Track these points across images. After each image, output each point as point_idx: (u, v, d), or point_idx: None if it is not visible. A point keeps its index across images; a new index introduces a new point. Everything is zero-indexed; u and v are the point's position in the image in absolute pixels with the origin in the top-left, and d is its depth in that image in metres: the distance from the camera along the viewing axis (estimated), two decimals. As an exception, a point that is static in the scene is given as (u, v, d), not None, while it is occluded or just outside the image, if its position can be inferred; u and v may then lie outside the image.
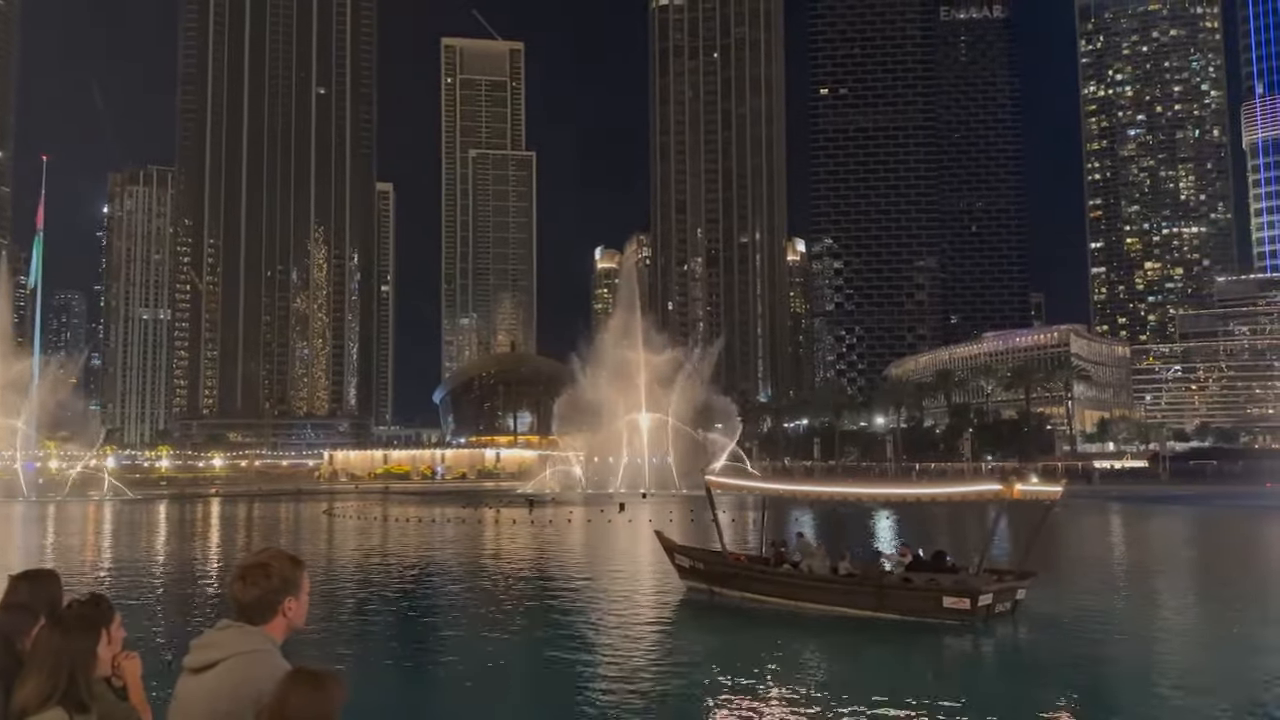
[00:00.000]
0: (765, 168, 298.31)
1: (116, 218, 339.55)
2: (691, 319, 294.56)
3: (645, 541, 33.48)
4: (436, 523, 61.33)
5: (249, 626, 3.68)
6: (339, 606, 26.90)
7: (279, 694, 3.20)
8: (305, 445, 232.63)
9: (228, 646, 3.60)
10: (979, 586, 21.43)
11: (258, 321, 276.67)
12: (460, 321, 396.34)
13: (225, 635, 3.66)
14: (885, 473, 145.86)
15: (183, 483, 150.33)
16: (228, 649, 3.59)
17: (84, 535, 58.53)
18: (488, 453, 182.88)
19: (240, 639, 3.63)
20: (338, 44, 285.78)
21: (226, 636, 3.65)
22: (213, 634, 3.69)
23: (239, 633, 3.66)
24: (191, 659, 3.65)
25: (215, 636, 3.67)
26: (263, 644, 3.62)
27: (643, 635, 21.42)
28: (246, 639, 3.63)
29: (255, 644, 3.60)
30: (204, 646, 3.65)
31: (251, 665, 3.49)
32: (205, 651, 3.63)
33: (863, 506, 62.01)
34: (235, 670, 3.51)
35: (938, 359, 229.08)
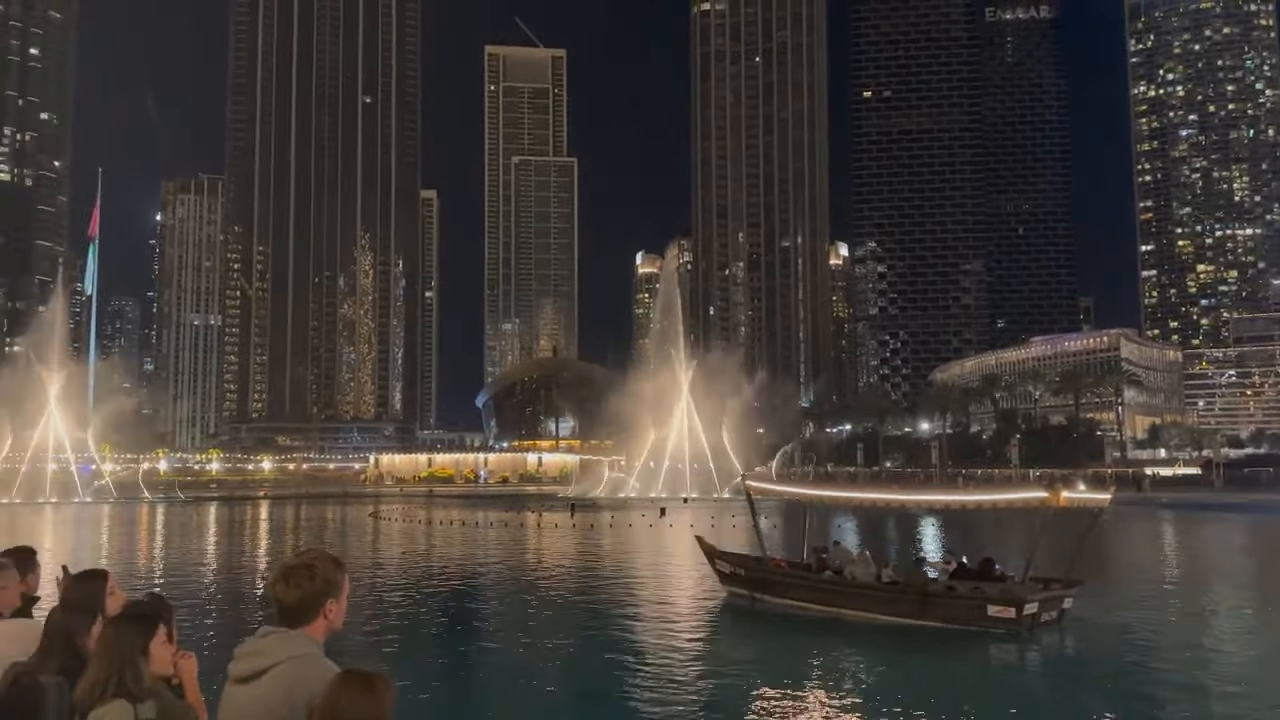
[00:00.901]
0: (807, 171, 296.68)
1: (169, 226, 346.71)
2: (733, 323, 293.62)
3: (686, 546, 33.50)
4: (480, 526, 61.81)
5: (291, 631, 3.66)
6: (385, 608, 27.25)
7: (330, 696, 3.21)
8: (351, 449, 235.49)
9: (275, 653, 3.58)
10: (1024, 595, 21.16)
11: (305, 327, 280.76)
12: (503, 326, 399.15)
13: (269, 642, 3.64)
14: (930, 479, 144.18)
15: (232, 485, 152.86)
16: (275, 655, 3.57)
17: (137, 537, 59.82)
18: (530, 457, 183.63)
19: (286, 644, 3.61)
20: (383, 53, 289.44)
21: (271, 643, 3.63)
22: (256, 642, 3.68)
23: (283, 638, 3.64)
24: (238, 668, 3.63)
25: (259, 644, 3.65)
26: (309, 647, 3.61)
27: (684, 640, 21.44)
28: (292, 644, 3.61)
29: (302, 648, 3.59)
30: (250, 655, 3.63)
31: (302, 669, 3.49)
32: (252, 660, 3.61)
33: (907, 513, 61.55)
34: (286, 675, 3.50)
35: (984, 364, 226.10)
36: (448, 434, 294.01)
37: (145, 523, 73.10)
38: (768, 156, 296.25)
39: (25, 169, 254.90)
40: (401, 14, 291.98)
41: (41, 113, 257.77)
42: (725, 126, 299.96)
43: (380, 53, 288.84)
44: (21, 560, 5.50)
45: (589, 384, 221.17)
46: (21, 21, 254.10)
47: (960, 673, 18.65)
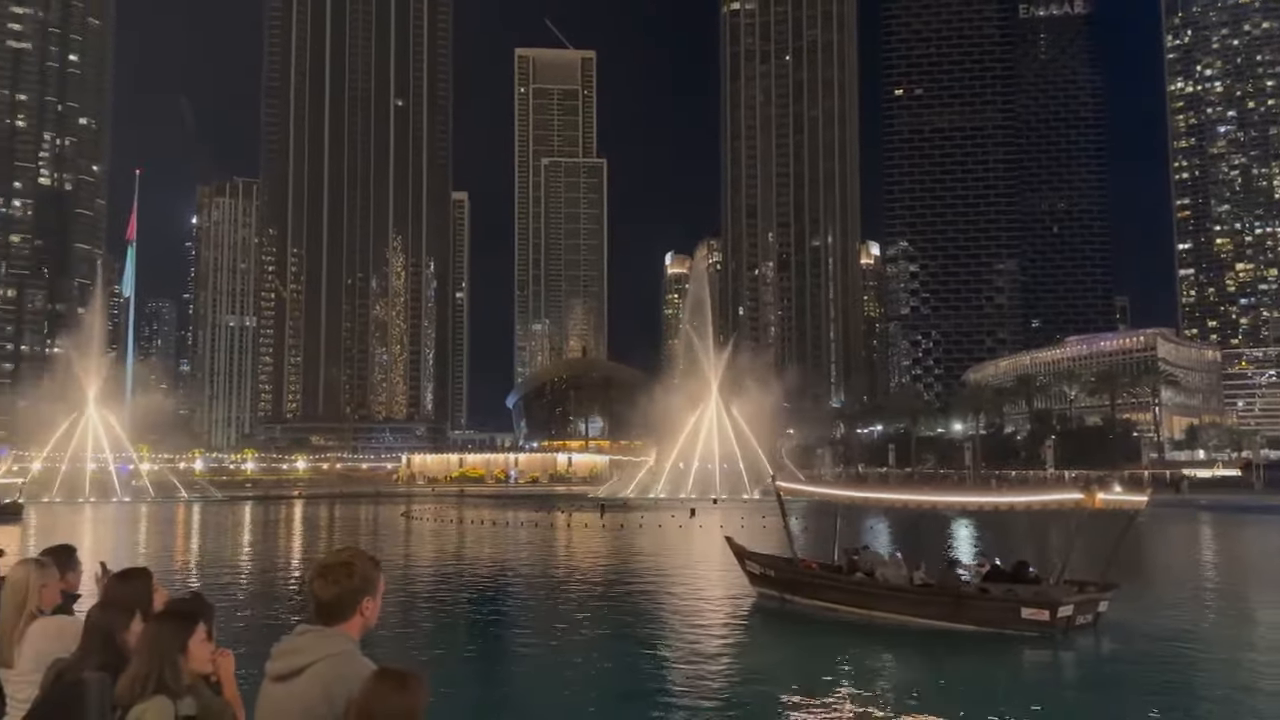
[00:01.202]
0: (838, 170, 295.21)
1: (204, 228, 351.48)
2: (763, 323, 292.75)
3: (716, 547, 33.48)
4: (510, 526, 62.11)
5: (328, 629, 3.67)
6: (417, 607, 27.46)
7: (365, 693, 3.24)
8: (384, 448, 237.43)
9: (313, 651, 3.60)
10: (1059, 598, 20.93)
11: (339, 328, 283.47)
12: (533, 327, 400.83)
13: (307, 640, 3.65)
14: (964, 480, 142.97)
15: (267, 485, 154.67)
16: (314, 653, 3.58)
17: (174, 535, 60.69)
18: (560, 457, 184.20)
19: (324, 642, 3.62)
20: (415, 57, 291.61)
21: (308, 641, 3.64)
22: (294, 639, 3.69)
23: (320, 636, 3.65)
24: (276, 666, 3.64)
25: (297, 642, 3.66)
26: (346, 645, 3.62)
27: (713, 641, 21.42)
28: (330, 641, 3.62)
29: (340, 646, 3.61)
30: (288, 653, 3.64)
31: (341, 666, 3.50)
32: (290, 658, 3.61)
33: (940, 515, 61.06)
34: (326, 673, 3.51)
35: (1018, 364, 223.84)
36: (478, 434, 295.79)
37: (182, 522, 74.15)
38: (798, 155, 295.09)
39: (65, 173, 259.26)
40: (433, 18, 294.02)
41: (80, 118, 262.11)
42: (755, 126, 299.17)
43: (412, 56, 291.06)
44: (62, 558, 5.63)
45: (618, 384, 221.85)
46: (61, 29, 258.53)
47: (993, 676, 18.48)
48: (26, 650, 4.84)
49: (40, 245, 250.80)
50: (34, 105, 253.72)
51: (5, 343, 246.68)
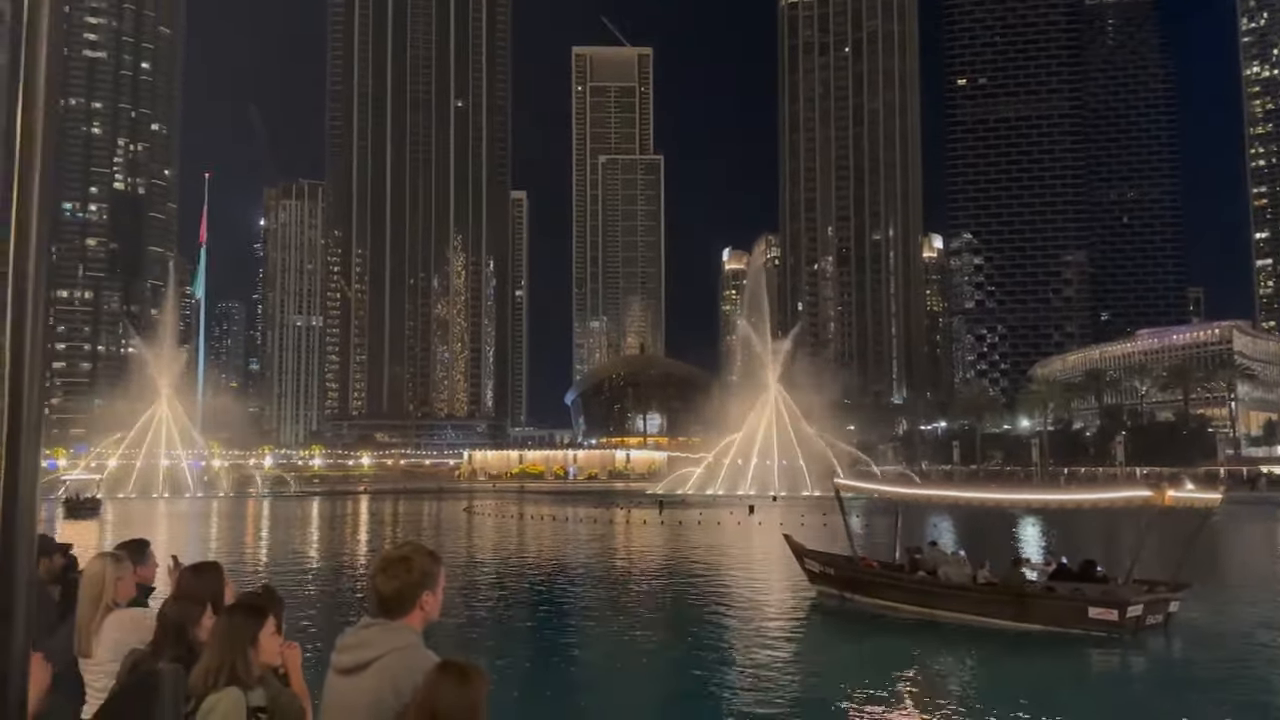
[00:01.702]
0: (899, 163, 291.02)
1: (272, 230, 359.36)
2: (822, 319, 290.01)
3: (775, 544, 33.33)
4: (569, 522, 62.54)
5: (392, 622, 3.71)
6: (480, 602, 27.83)
7: (427, 686, 3.29)
8: (446, 445, 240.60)
9: (379, 644, 3.63)
10: (1128, 597, 20.44)
11: (402, 327, 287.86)
12: (590, 324, 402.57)
13: (373, 634, 3.69)
14: (1031, 478, 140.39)
15: (334, 480, 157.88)
16: (380, 647, 3.62)
17: (245, 530, 62.27)
18: (618, 454, 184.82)
19: (390, 636, 3.66)
20: (474, 59, 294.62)
21: (374, 635, 3.68)
22: (359, 633, 3.72)
23: (385, 629, 3.69)
24: (342, 659, 3.68)
25: (363, 635, 3.70)
26: (411, 638, 3.67)
27: (772, 639, 21.34)
28: (396, 635, 3.66)
29: (405, 639, 3.65)
30: (354, 647, 3.68)
31: (409, 660, 3.55)
32: (357, 651, 3.65)
33: (1007, 513, 59.99)
34: (395, 666, 3.55)
35: (1087, 358, 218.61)
36: (537, 431, 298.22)
37: (253, 517, 76.04)
38: (858, 148, 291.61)
39: (137, 178, 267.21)
40: (492, 19, 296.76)
41: (152, 124, 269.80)
42: (814, 119, 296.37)
43: (471, 58, 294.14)
44: (135, 552, 5.84)
45: (676, 381, 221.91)
46: (134, 37, 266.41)
47: (1059, 678, 18.12)
48: (103, 641, 5.04)
49: (115, 249, 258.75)
50: (108, 112, 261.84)
51: (83, 343, 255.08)
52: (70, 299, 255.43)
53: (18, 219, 1.65)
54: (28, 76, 1.68)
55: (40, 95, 1.67)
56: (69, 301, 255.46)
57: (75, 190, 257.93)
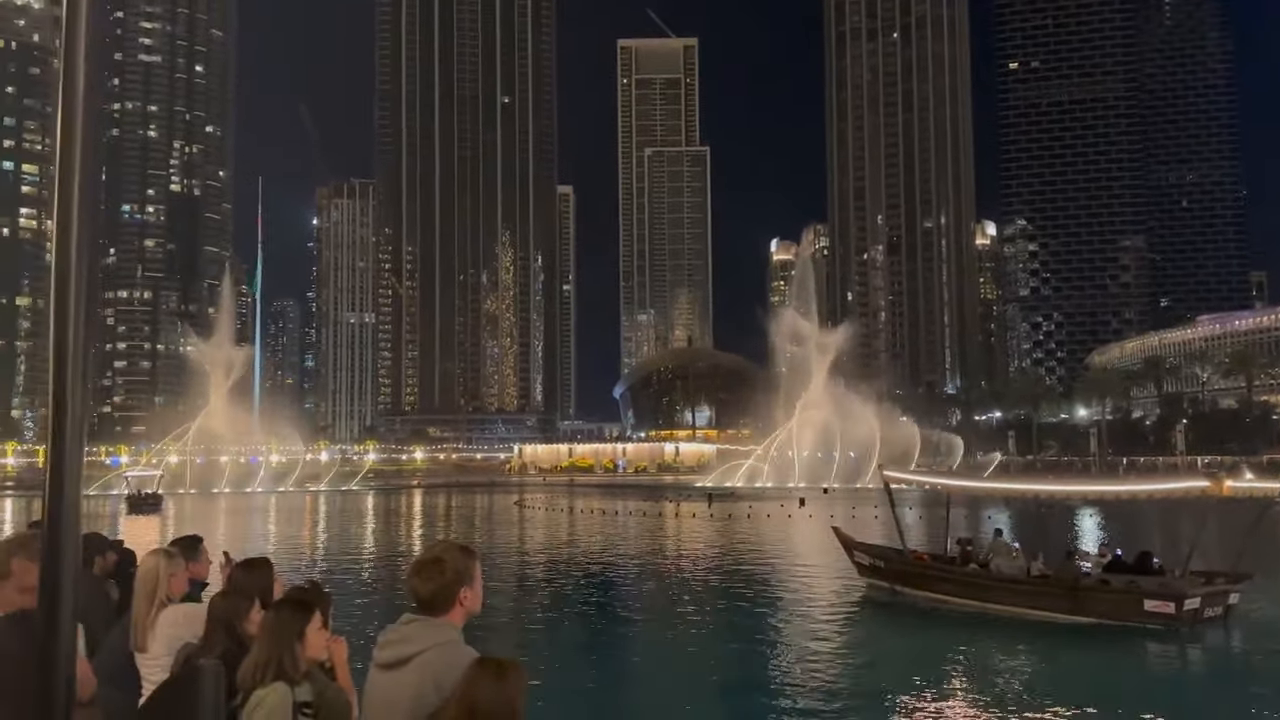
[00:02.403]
0: (950, 149, 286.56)
1: (324, 229, 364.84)
2: (873, 309, 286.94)
3: (825, 537, 33.17)
4: (619, 515, 62.76)
5: (433, 619, 3.77)
6: (531, 593, 28.12)
7: (466, 681, 3.35)
8: (497, 439, 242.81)
9: (420, 640, 3.70)
10: (1184, 589, 20.03)
11: (452, 322, 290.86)
12: (638, 317, 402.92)
13: (413, 629, 3.76)
14: (1088, 468, 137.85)
15: (388, 475, 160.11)
16: (421, 642, 3.69)
17: (302, 524, 63.47)
18: (667, 447, 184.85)
19: (430, 631, 3.73)
20: (519, 55, 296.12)
21: (415, 630, 3.75)
22: (400, 629, 3.79)
23: (425, 625, 3.76)
24: (384, 655, 3.75)
25: (404, 631, 3.77)
26: (451, 634, 3.74)
27: (822, 633, 21.29)
28: (436, 631, 3.73)
29: (446, 635, 3.72)
30: (395, 642, 3.75)
31: (450, 656, 3.61)
32: (399, 647, 3.72)
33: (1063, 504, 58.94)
34: (436, 662, 3.61)
35: (1146, 345, 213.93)
36: (586, 424, 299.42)
37: (309, 511, 77.44)
38: (907, 135, 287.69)
39: (193, 179, 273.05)
40: (537, 15, 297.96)
41: (206, 126, 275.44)
42: (862, 106, 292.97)
43: (516, 54, 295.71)
44: (188, 549, 6.04)
45: (724, 373, 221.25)
46: (187, 41, 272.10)
47: (1114, 671, 17.83)
48: (158, 636, 5.21)
49: (172, 249, 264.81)
50: (164, 115, 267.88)
51: (143, 343, 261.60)
52: (130, 299, 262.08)
53: (59, 221, 1.73)
54: (67, 75, 1.74)
55: (79, 95, 1.72)
56: (129, 302, 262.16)
57: (133, 193, 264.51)
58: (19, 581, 3.76)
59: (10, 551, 4.35)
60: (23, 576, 3.76)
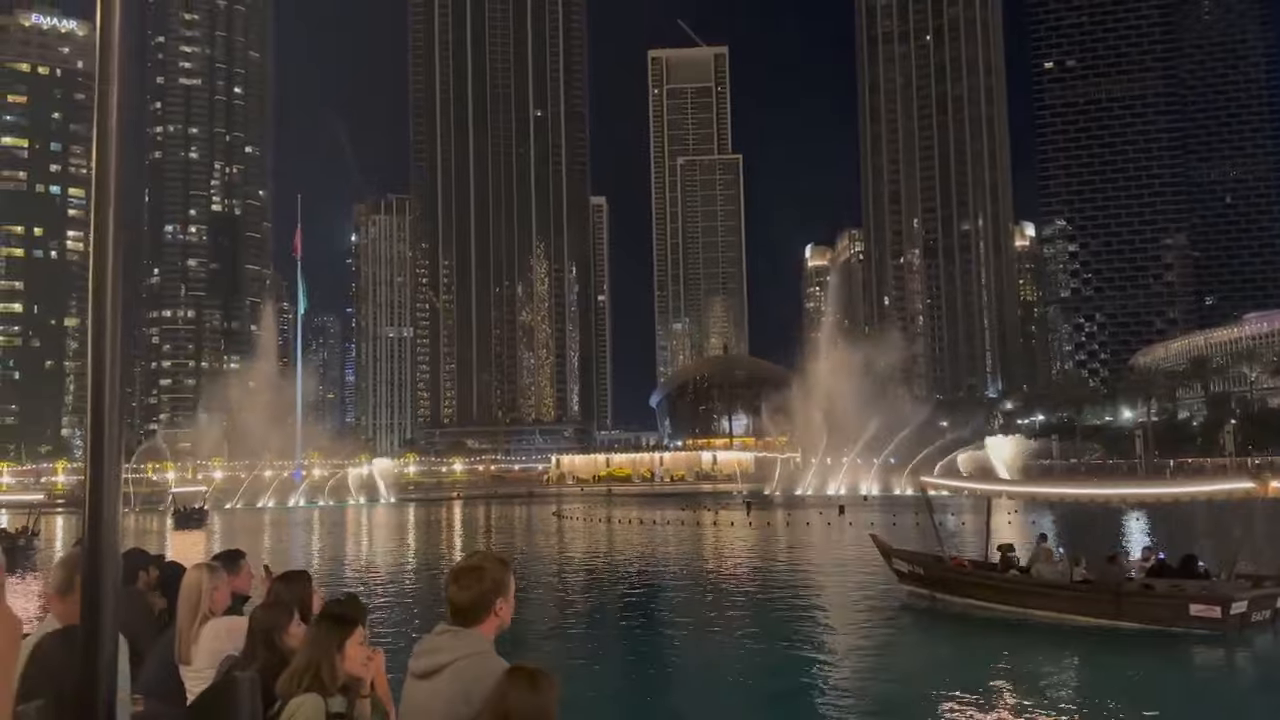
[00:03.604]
0: (986, 150, 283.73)
1: (363, 245, 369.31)
2: (910, 313, 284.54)
3: (865, 544, 32.97)
4: (658, 524, 62.74)
5: (465, 630, 3.83)
6: (571, 603, 28.26)
7: (499, 691, 3.38)
8: (534, 450, 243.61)
9: (451, 650, 3.76)
10: (1231, 593, 19.69)
11: (489, 335, 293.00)
12: (673, 326, 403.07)
13: (446, 640, 3.82)
14: (1134, 471, 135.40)
15: (428, 487, 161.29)
16: (453, 653, 3.75)
17: (344, 537, 64.15)
18: (704, 455, 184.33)
19: (460, 642, 3.78)
20: (551, 68, 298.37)
21: (447, 641, 3.81)
22: (434, 639, 3.86)
23: (458, 636, 3.81)
24: (418, 665, 3.82)
25: (437, 641, 3.83)
26: (482, 645, 3.79)
27: (862, 639, 21.19)
28: (468, 642, 3.78)
29: (477, 646, 3.76)
30: (429, 652, 3.81)
31: (479, 667, 3.65)
32: (431, 657, 3.79)
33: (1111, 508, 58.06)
34: (465, 673, 3.67)
35: (1192, 345, 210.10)
36: (623, 434, 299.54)
37: (352, 524, 78.26)
38: (942, 138, 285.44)
39: (234, 199, 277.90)
40: (568, 28, 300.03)
41: (246, 146, 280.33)
42: (895, 110, 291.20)
43: (548, 67, 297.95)
44: (229, 563, 6.21)
45: (761, 381, 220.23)
46: (225, 64, 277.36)
47: (1159, 678, 17.56)
48: (200, 648, 5.38)
49: (215, 268, 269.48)
50: (204, 137, 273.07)
51: (187, 360, 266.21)
52: (174, 318, 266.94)
53: (95, 243, 1.75)
54: (101, 99, 1.75)
55: (112, 118, 1.74)
56: (173, 321, 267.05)
57: (176, 213, 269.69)
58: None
59: (75, 569, 4.67)
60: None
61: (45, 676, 3.03)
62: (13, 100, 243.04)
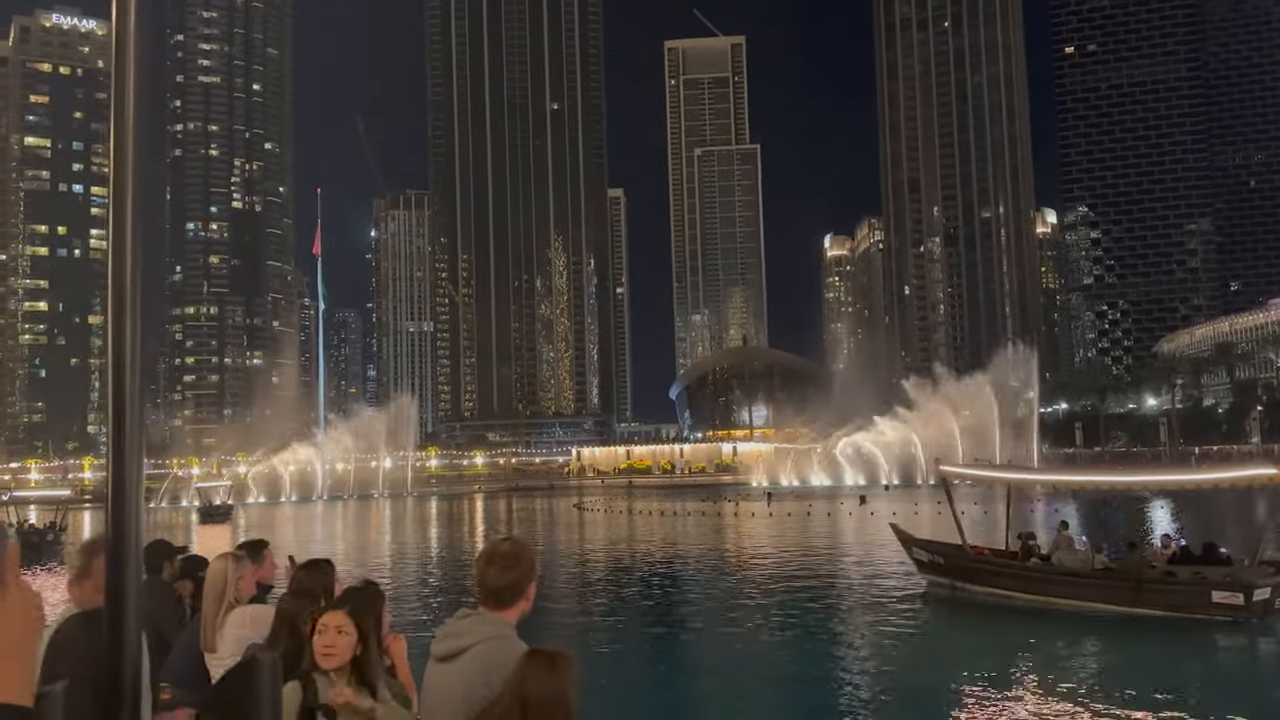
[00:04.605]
0: (1006, 137, 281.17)
1: (382, 240, 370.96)
2: (931, 302, 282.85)
3: (886, 534, 32.95)
4: (679, 515, 62.86)
5: (488, 613, 3.84)
6: (593, 593, 28.42)
7: (517, 674, 3.40)
8: (555, 443, 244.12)
9: (473, 634, 3.78)
10: (1253, 579, 19.57)
11: (508, 328, 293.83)
12: (692, 318, 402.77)
13: (468, 623, 3.84)
14: (1159, 459, 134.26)
15: (449, 480, 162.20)
16: (474, 636, 3.77)
17: (368, 530, 64.68)
18: (724, 447, 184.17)
19: (483, 626, 3.80)
20: (568, 61, 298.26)
21: (469, 624, 3.84)
22: (456, 623, 3.88)
23: (479, 620, 3.84)
24: (440, 648, 3.85)
25: (459, 625, 3.86)
26: (504, 629, 3.80)
27: (882, 628, 21.21)
28: (489, 625, 3.80)
29: (498, 630, 3.78)
30: (450, 635, 3.84)
31: (499, 651, 3.66)
32: (453, 640, 3.81)
33: (1136, 496, 57.72)
34: (485, 657, 3.68)
35: (1216, 331, 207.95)
36: (643, 426, 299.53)
37: (375, 517, 78.87)
38: (962, 125, 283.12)
39: (254, 196, 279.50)
40: (584, 21, 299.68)
41: (265, 143, 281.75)
42: (914, 97, 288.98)
43: (565, 60, 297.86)
44: (253, 552, 6.33)
45: (780, 372, 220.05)
46: (244, 61, 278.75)
47: (1182, 666, 17.50)
48: (225, 636, 5.50)
49: (236, 265, 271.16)
50: (224, 134, 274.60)
51: (210, 356, 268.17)
52: (197, 315, 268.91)
53: (113, 239, 1.80)
54: (117, 97, 1.78)
55: (129, 116, 1.78)
56: (195, 318, 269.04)
57: (197, 210, 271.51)
58: (98, 581, 3.75)
59: (91, 553, 4.80)
60: (101, 576, 4.07)
61: (65, 659, 3.09)
62: (35, 100, 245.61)
